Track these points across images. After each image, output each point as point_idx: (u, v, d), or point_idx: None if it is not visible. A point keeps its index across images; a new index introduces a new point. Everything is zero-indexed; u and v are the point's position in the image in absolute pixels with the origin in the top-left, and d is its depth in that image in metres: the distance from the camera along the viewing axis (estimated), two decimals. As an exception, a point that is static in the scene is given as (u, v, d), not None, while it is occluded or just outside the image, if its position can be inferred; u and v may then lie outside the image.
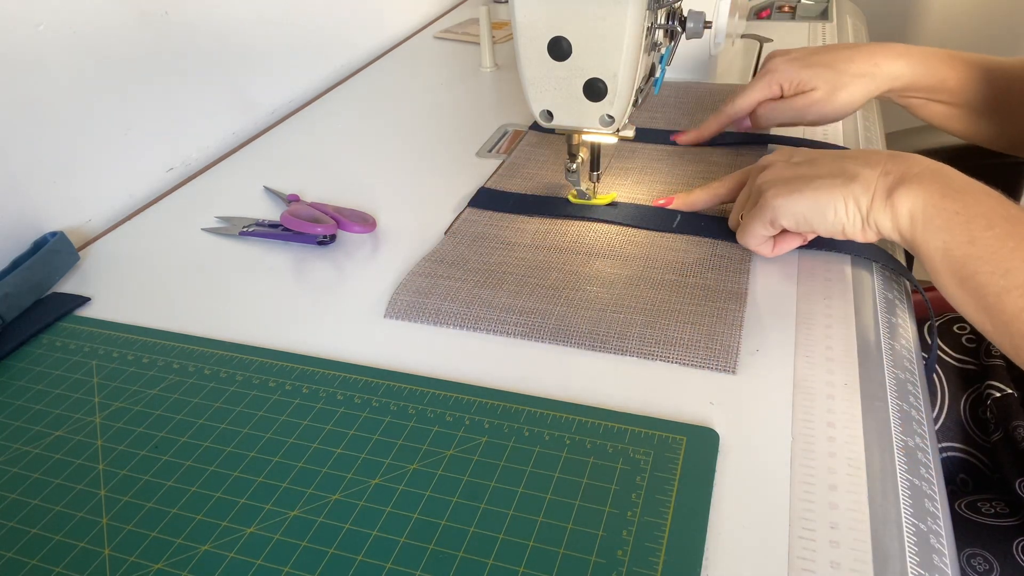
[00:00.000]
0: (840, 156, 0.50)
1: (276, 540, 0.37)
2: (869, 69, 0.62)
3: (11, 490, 0.41)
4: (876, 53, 0.63)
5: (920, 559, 0.35)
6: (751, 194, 0.53)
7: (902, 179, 0.45)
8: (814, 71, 0.62)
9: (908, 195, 0.45)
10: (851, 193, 0.47)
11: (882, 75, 0.62)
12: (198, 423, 0.44)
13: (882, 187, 0.46)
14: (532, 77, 0.55)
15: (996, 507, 0.58)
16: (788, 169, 0.51)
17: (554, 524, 0.37)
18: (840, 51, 0.63)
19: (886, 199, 0.45)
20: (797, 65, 0.63)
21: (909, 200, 0.45)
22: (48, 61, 0.62)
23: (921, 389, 0.46)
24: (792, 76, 0.63)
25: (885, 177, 0.46)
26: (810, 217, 0.48)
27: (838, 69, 0.62)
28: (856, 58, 0.62)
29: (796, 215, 0.49)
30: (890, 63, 0.62)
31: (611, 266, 0.55)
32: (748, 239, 0.53)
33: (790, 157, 0.53)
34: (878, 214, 0.46)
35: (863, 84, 0.62)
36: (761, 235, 0.52)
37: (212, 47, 0.78)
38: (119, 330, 0.53)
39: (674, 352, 0.47)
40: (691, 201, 0.60)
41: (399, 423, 0.43)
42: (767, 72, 0.65)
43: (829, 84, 0.62)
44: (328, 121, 0.86)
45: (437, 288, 0.53)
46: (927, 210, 0.44)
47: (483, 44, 0.97)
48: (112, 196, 0.70)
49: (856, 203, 0.47)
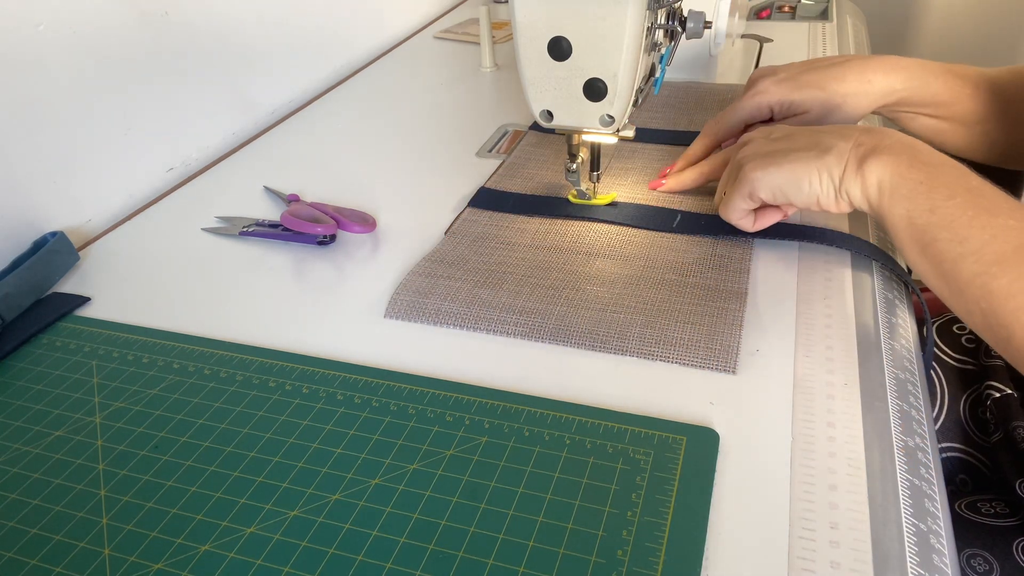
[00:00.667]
0: (816, 131, 0.51)
1: (276, 540, 0.37)
2: (862, 87, 0.60)
3: (11, 490, 0.41)
4: (868, 69, 0.61)
5: (920, 559, 0.35)
6: (732, 170, 0.54)
7: (873, 150, 0.47)
8: (805, 93, 0.60)
9: (877, 165, 0.46)
10: (825, 165, 0.48)
11: (875, 92, 0.61)
12: (198, 423, 0.44)
13: (854, 158, 0.47)
14: (532, 77, 0.55)
15: (996, 507, 0.58)
16: (767, 144, 0.52)
17: (554, 524, 0.37)
18: (830, 69, 0.61)
19: (857, 169, 0.47)
20: (787, 87, 0.61)
21: (878, 170, 0.46)
22: (48, 61, 0.62)
23: (921, 389, 0.46)
24: (782, 99, 0.61)
25: (857, 148, 0.47)
26: (786, 189, 0.50)
27: (829, 90, 0.60)
28: (847, 76, 0.60)
29: (773, 187, 0.50)
30: (883, 78, 0.61)
31: (611, 266, 0.55)
32: (730, 213, 0.55)
33: (769, 134, 0.54)
34: (849, 184, 0.48)
35: (856, 103, 0.61)
36: (741, 208, 0.53)
37: (212, 47, 0.78)
38: (119, 330, 0.53)
39: (674, 352, 0.47)
40: (682, 180, 0.62)
41: (399, 423, 0.43)
42: (756, 94, 0.62)
43: (822, 106, 0.60)
44: (328, 121, 0.86)
45: (437, 288, 0.53)
46: (894, 179, 0.46)
47: (483, 44, 0.97)
48: (112, 196, 0.70)
49: (829, 175, 0.48)
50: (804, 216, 0.60)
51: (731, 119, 0.64)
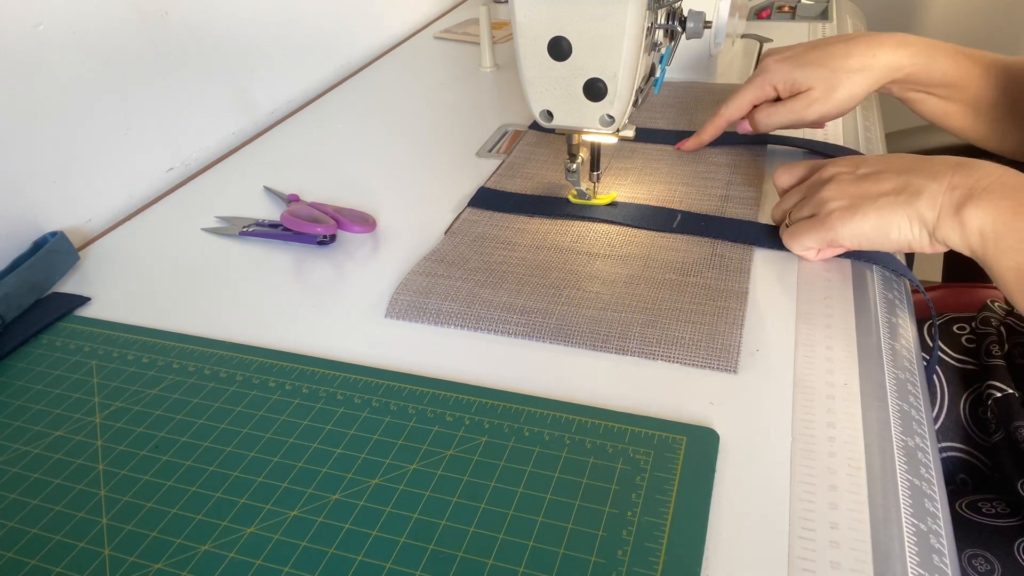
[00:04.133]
0: (905, 167, 0.48)
1: (276, 540, 0.37)
2: (867, 62, 0.59)
3: (11, 490, 0.41)
4: (874, 44, 0.60)
5: (920, 559, 0.35)
6: (809, 199, 0.52)
7: (970, 194, 0.43)
8: (808, 71, 0.60)
9: (977, 212, 0.43)
10: (915, 211, 0.45)
11: (881, 67, 0.60)
12: (198, 423, 0.44)
13: (949, 203, 0.44)
14: (532, 77, 0.55)
15: (997, 507, 0.58)
16: (852, 185, 0.49)
17: (554, 524, 0.37)
18: (836, 46, 0.60)
19: (954, 215, 0.44)
20: (790, 65, 0.61)
21: (978, 217, 0.43)
22: (48, 61, 0.62)
23: (921, 389, 0.46)
24: (785, 76, 0.61)
25: (952, 192, 0.44)
26: (873, 237, 0.47)
27: (833, 67, 0.60)
28: (853, 53, 0.60)
29: (859, 236, 0.48)
30: (889, 54, 0.60)
31: (612, 266, 0.55)
32: (796, 246, 0.53)
33: (856, 168, 0.51)
34: (946, 231, 0.44)
35: (861, 78, 0.60)
36: (812, 247, 0.52)
37: (212, 47, 0.78)
38: (119, 330, 0.53)
39: (675, 351, 0.47)
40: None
41: (399, 423, 0.43)
42: (760, 72, 0.63)
43: (825, 83, 0.60)
44: (328, 121, 0.86)
45: (438, 288, 0.53)
46: (998, 228, 0.42)
47: (483, 44, 0.97)
48: (112, 196, 0.70)
49: (921, 221, 0.45)
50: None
51: (739, 100, 0.64)
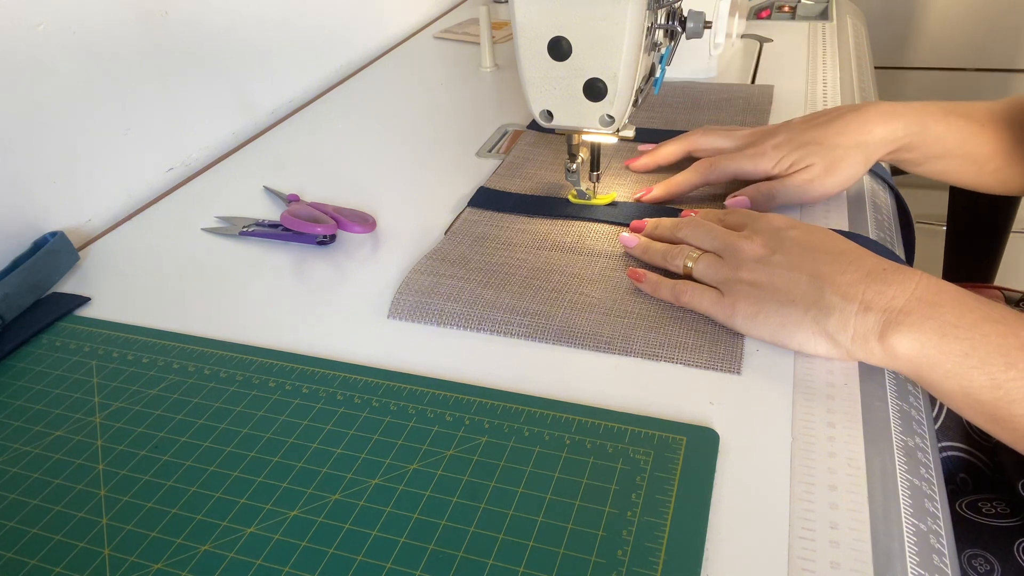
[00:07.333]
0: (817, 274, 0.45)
1: (276, 540, 0.37)
2: (863, 138, 0.59)
3: (11, 490, 0.41)
4: (866, 119, 0.59)
5: (920, 559, 0.35)
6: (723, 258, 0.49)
7: (888, 320, 0.41)
8: (807, 151, 0.59)
9: (903, 340, 0.41)
10: (822, 329, 0.44)
11: (876, 141, 0.59)
12: (198, 423, 0.44)
13: (864, 328, 0.42)
14: (532, 77, 0.55)
15: (997, 507, 0.58)
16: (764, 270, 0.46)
17: (554, 524, 0.37)
18: (830, 124, 0.59)
19: (877, 341, 0.42)
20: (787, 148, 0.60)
21: (904, 346, 0.41)
22: (48, 61, 0.62)
23: (921, 389, 0.46)
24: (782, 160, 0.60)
25: (865, 315, 0.42)
26: (778, 339, 0.46)
27: (830, 144, 0.59)
28: (847, 130, 0.59)
29: (759, 336, 0.46)
30: (882, 127, 0.59)
31: (613, 268, 0.55)
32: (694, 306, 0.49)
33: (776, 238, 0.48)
34: (865, 354, 0.43)
35: (861, 152, 0.59)
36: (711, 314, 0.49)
37: (212, 47, 0.78)
38: (119, 330, 0.53)
39: (679, 353, 0.47)
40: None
41: (399, 423, 0.43)
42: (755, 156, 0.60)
43: (825, 159, 0.58)
44: (328, 121, 0.86)
45: (440, 288, 0.53)
46: (929, 354, 0.40)
47: (483, 44, 0.97)
48: (112, 196, 0.70)
49: (830, 339, 0.44)
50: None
51: (726, 169, 0.61)
